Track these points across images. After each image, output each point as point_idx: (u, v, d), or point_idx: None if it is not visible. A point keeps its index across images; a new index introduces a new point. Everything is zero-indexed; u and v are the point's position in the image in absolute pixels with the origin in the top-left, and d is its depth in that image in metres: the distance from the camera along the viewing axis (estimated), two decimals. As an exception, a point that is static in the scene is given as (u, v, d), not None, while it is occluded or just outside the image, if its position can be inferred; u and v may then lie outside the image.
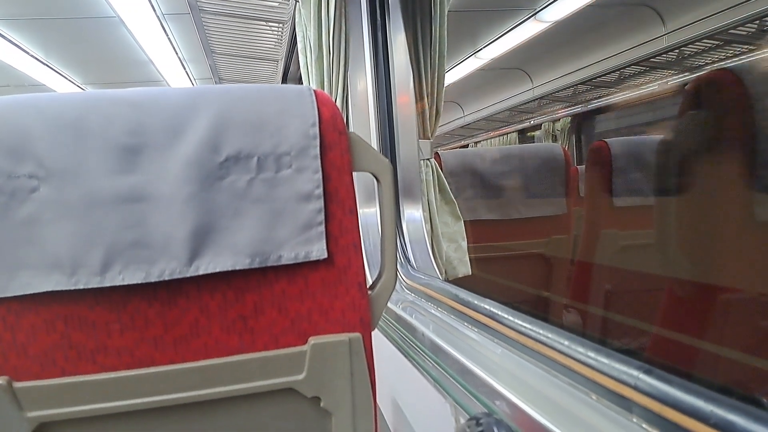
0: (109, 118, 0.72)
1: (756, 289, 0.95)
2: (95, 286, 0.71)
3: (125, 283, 0.71)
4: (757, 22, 3.08)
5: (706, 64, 3.74)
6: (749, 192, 0.91)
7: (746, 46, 3.40)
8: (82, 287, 0.70)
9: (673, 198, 1.08)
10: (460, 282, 1.86)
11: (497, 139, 7.15)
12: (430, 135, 1.83)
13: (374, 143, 1.80)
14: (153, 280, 0.72)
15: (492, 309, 1.00)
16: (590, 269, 1.94)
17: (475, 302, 1.08)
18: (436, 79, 1.77)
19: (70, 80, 5.66)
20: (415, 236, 1.79)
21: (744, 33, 3.24)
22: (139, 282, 0.72)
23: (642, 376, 0.61)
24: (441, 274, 1.79)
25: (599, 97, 5.02)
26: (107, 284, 0.71)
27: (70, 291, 0.71)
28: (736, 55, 3.54)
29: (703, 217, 1.02)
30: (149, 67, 5.33)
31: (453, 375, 0.94)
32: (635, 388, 0.61)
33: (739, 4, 3.18)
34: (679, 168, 1.05)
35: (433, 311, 1.25)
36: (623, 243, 1.86)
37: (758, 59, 3.31)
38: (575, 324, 1.96)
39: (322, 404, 0.80)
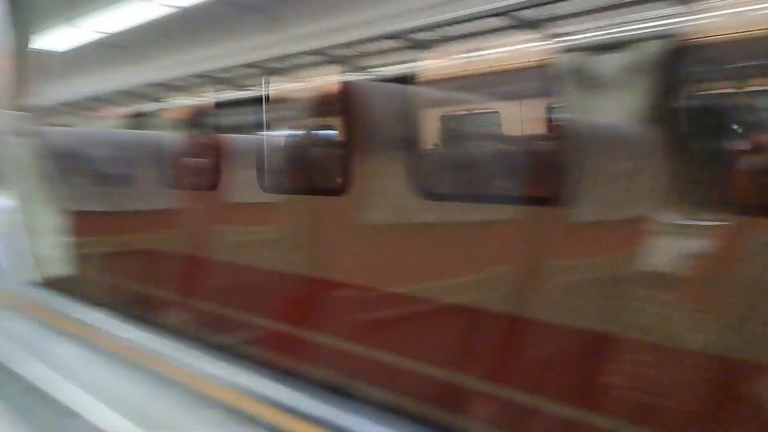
0: None
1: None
2: None
3: None
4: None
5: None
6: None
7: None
8: None
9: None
10: (61, 283, 1.66)
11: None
12: (27, 106, 1.56)
13: None
14: None
15: (91, 318, 0.88)
16: (202, 265, 1.93)
17: (72, 310, 0.94)
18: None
19: None
20: (-1, 229, 1.51)
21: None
22: None
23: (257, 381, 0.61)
24: (35, 274, 1.56)
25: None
26: None
27: None
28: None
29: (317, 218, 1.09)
30: None
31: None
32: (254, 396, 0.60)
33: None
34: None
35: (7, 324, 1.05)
36: (235, 239, 1.90)
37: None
38: (187, 323, 1.94)
39: None
